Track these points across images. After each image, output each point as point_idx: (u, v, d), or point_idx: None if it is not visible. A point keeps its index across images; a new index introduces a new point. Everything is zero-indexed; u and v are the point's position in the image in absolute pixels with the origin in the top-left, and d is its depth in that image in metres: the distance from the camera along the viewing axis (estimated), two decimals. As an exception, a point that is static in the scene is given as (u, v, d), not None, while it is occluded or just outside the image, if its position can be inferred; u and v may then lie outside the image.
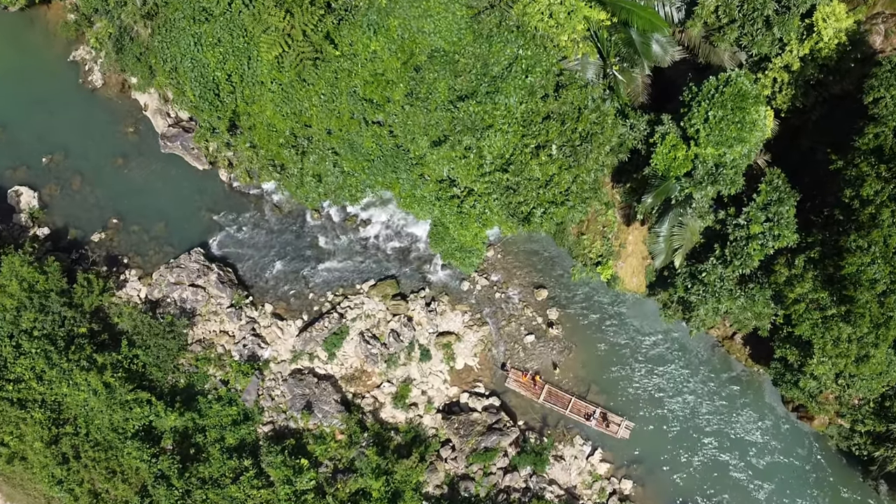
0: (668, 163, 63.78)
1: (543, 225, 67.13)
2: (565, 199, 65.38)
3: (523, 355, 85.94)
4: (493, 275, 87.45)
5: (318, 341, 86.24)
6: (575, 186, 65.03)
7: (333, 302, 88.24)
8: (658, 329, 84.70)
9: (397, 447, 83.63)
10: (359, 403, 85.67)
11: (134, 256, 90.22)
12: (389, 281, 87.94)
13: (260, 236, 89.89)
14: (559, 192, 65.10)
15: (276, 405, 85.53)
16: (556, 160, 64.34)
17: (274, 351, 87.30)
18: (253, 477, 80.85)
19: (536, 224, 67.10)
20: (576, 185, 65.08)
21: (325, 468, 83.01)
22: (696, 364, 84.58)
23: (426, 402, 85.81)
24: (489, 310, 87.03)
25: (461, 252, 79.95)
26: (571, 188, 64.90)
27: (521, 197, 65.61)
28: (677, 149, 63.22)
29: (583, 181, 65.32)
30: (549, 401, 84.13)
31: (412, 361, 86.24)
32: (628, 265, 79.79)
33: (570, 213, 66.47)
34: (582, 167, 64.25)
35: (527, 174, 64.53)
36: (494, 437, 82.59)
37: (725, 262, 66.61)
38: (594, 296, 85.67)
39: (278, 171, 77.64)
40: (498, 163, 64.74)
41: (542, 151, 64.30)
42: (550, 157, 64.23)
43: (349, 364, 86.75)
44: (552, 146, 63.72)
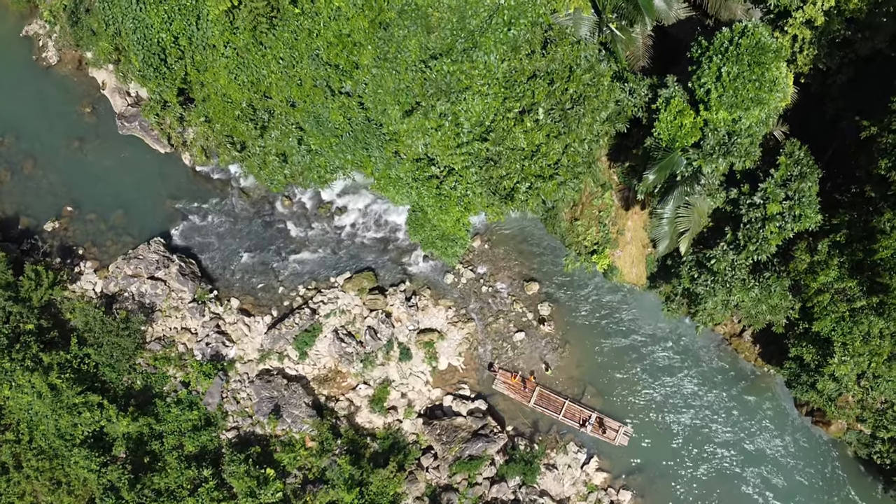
0: (673, 131, 53.52)
1: (529, 202, 56.79)
2: (554, 172, 55.05)
3: (512, 354, 75.67)
4: (480, 267, 77.19)
5: (289, 339, 76.06)
6: (566, 158, 54.71)
7: (305, 296, 78.06)
8: (660, 325, 74.48)
9: (373, 455, 73.36)
10: (332, 407, 75.42)
11: (90, 247, 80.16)
12: (366, 273, 77.72)
13: (226, 225, 79.80)
14: (547, 164, 54.78)
15: (241, 409, 75.31)
16: (544, 126, 54.00)
17: (240, 350, 77.10)
18: (213, 488, 70.84)
19: (521, 202, 56.78)
20: (566, 157, 54.76)
21: (294, 479, 72.74)
22: (701, 364, 74.42)
23: (406, 405, 75.54)
24: (475, 305, 76.76)
25: (443, 241, 69.81)
26: (561, 160, 54.62)
27: (504, 170, 55.33)
28: (684, 115, 52.95)
29: (574, 152, 54.98)
30: (541, 404, 73.89)
31: (391, 361, 75.99)
32: (627, 254, 69.47)
33: (561, 189, 56.15)
34: (573, 134, 53.94)
35: (509, 143, 54.27)
36: (480, 444, 72.27)
37: (738, 247, 56.36)
38: (590, 289, 75.45)
39: (238, 150, 67.56)
40: (477, 131, 54.55)
41: (527, 117, 54.07)
42: (537, 123, 53.90)
43: (322, 364, 76.53)
44: (538, 110, 53.43)
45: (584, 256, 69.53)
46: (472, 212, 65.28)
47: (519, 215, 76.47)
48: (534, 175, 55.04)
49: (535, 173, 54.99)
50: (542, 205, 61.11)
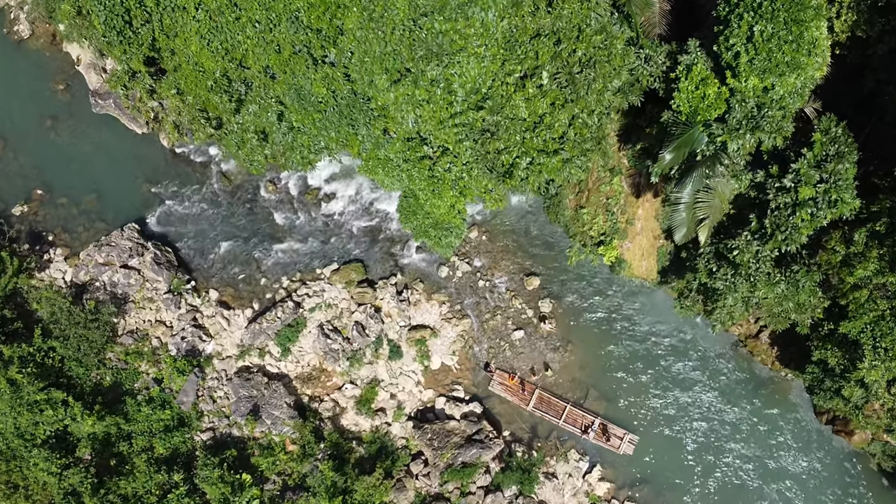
0: (694, 103, 45.90)
1: (530, 181, 49.19)
2: (559, 147, 47.37)
3: (510, 354, 68.04)
4: (477, 259, 69.55)
5: (270, 334, 68.51)
6: (572, 132, 47.09)
7: (289, 288, 70.50)
8: (670, 324, 66.85)
9: (359, 461, 65.81)
10: (315, 408, 67.82)
11: (60, 233, 72.70)
12: (355, 265, 70.13)
13: (206, 211, 72.26)
14: (551, 137, 47.01)
15: (217, 409, 67.76)
16: (548, 93, 46.35)
17: (218, 345, 69.57)
18: (184, 494, 63.53)
19: (520, 180, 49.21)
20: (573, 130, 47.14)
21: (272, 485, 65.28)
22: (714, 367, 66.77)
23: (395, 407, 67.96)
24: (471, 300, 69.13)
25: (437, 230, 62.28)
26: (567, 134, 46.99)
27: (502, 142, 47.73)
28: (707, 84, 45.34)
29: (582, 124, 47.36)
30: (540, 408, 66.28)
31: (380, 359, 68.39)
32: (637, 246, 61.78)
33: (566, 168, 48.52)
34: (582, 103, 46.31)
35: (508, 112, 46.70)
36: (474, 450, 64.63)
37: (764, 236, 48.80)
38: (595, 284, 67.76)
39: (213, 126, 59.92)
40: (472, 99, 47.00)
41: (529, 82, 46.44)
42: (540, 90, 46.28)
43: (306, 362, 68.98)
44: (542, 74, 45.82)
45: (590, 248, 61.93)
46: (469, 197, 57.78)
47: (519, 203, 68.95)
48: (536, 149, 47.37)
49: (538, 147, 47.32)
50: (545, 187, 53.28)
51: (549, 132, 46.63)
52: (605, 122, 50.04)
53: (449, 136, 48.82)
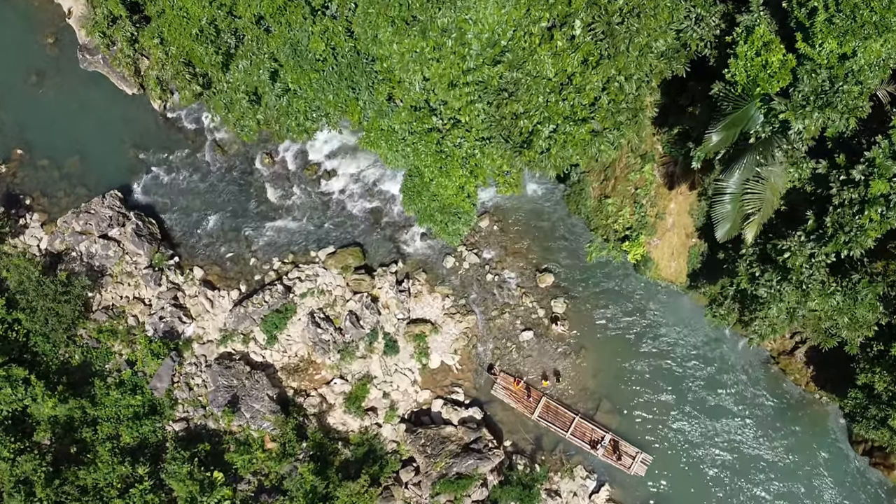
0: (753, 72, 37.27)
1: (552, 155, 40.57)
2: (589, 115, 38.58)
3: (517, 356, 59.44)
4: (486, 251, 60.94)
5: (256, 319, 60.13)
6: (606, 98, 38.46)
7: (280, 271, 62.14)
8: (697, 334, 58.14)
9: (344, 464, 57.44)
10: (300, 403, 59.41)
11: (39, 197, 64.58)
12: (353, 249, 61.65)
13: (195, 182, 63.96)
14: (581, 102, 38.28)
15: (193, 397, 59.46)
16: (581, 47, 37.74)
17: (199, 328, 61.24)
18: (148, 490, 55.37)
19: (539, 153, 40.65)
20: (607, 96, 38.47)
21: (247, 485, 56.95)
22: (741, 385, 58.13)
23: (387, 407, 59.46)
24: (477, 295, 60.55)
25: (443, 215, 53.90)
26: (600, 100, 38.36)
27: (521, 105, 39.12)
28: (771, 50, 36.65)
29: (618, 90, 38.68)
30: (546, 418, 57.72)
31: (374, 354, 59.91)
32: (666, 243, 53.05)
33: (595, 143, 39.93)
34: (620, 60, 37.53)
35: (531, 68, 38.11)
36: (471, 460, 56.06)
37: (821, 237, 39.92)
38: (615, 284, 59.06)
39: (200, 84, 51.55)
40: (489, 53, 38.22)
41: (557, 33, 37.80)
42: (571, 42, 37.66)
43: (293, 352, 60.60)
44: (575, 23, 37.20)
45: (613, 244, 53.28)
46: (480, 178, 49.30)
47: (537, 190, 60.34)
48: (561, 115, 38.64)
49: (563, 113, 38.62)
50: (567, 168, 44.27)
51: (578, 96, 37.94)
52: (643, 93, 41.16)
53: (460, 98, 40.12)
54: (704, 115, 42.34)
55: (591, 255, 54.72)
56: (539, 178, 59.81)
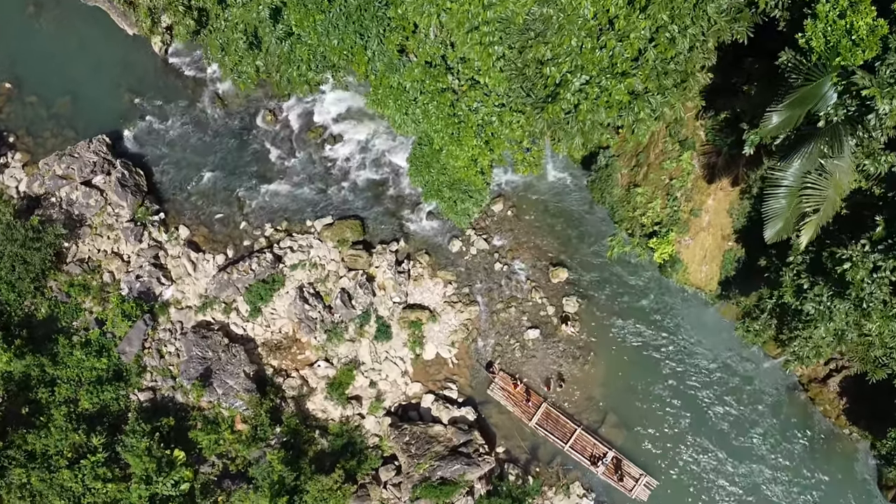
0: (834, 37, 29.58)
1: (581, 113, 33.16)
2: (630, 70, 30.96)
3: (519, 356, 52.09)
4: (497, 237, 53.64)
5: (241, 288, 53.10)
6: (653, 51, 30.99)
7: (272, 238, 55.09)
8: (721, 350, 50.64)
9: (318, 455, 50.30)
10: (279, 384, 52.33)
11: (23, 136, 57.99)
12: (352, 222, 54.46)
13: (191, 135, 57.08)
14: (622, 53, 30.68)
15: (163, 366, 52.53)
16: (629, -16, 30.01)
17: (178, 292, 54.30)
18: (101, 462, 48.41)
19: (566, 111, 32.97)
20: (655, 49, 30.93)
21: (210, 468, 50.01)
22: (764, 410, 50.62)
23: (373, 397, 52.29)
24: (483, 285, 53.28)
25: (453, 191, 46.92)
26: (647, 53, 30.87)
27: (549, 49, 31.66)
28: (858, 12, 29.05)
29: (669, 42, 31.11)
30: (545, 427, 50.38)
31: (363, 338, 52.73)
32: (698, 244, 45.55)
33: (634, 107, 32.41)
34: (674, 4, 29.75)
35: (566, 3, 30.26)
36: (458, 465, 48.77)
37: (891, 249, 32.00)
38: (636, 286, 51.58)
39: (195, 20, 44.45)
40: (517, -14, 30.71)
41: (603, -38, 30.11)
42: (619, -23, 29.93)
43: (277, 327, 53.49)
44: (624, -51, 29.48)
45: (639, 239, 45.81)
46: (496, 150, 42.09)
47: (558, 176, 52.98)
48: (597, 66, 31.10)
49: (600, 63, 31.08)
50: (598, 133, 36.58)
51: (619, 45, 30.51)
52: (696, 56, 33.56)
53: (478, 44, 32.68)
54: (761, 98, 34.79)
55: (613, 251, 47.31)
56: (561, 162, 52.49)
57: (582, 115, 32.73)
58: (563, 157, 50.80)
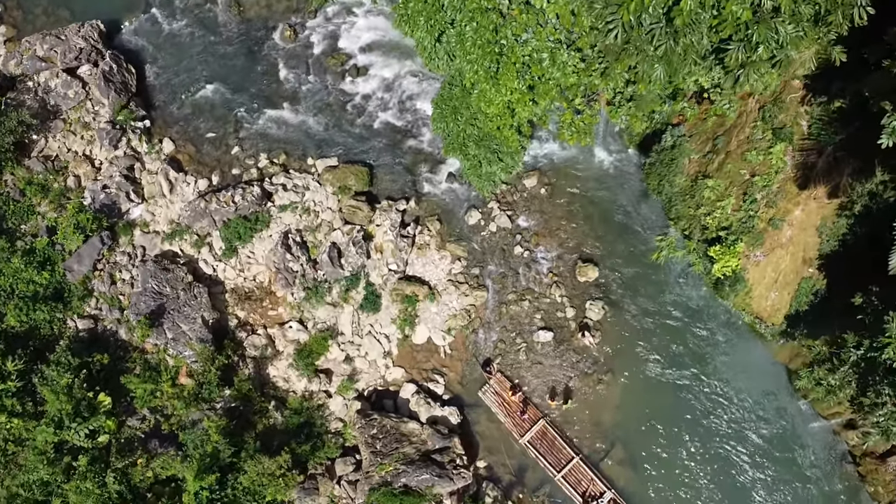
0: None
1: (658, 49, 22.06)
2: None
3: (524, 359, 41.51)
4: (523, 217, 43.04)
5: (218, 221, 43.13)
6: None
7: (265, 171, 45.01)
8: (765, 398, 39.55)
9: (268, 431, 40.30)
10: (240, 339, 42.28)
11: (13, 8, 48.83)
12: (359, 169, 44.08)
13: (197, 37, 47.13)
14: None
15: (113, 294, 42.71)
16: None
17: (148, 213, 44.46)
18: (10, 392, 38.79)
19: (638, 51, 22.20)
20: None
21: (138, 422, 40.23)
22: (804, 477, 39.35)
23: (346, 375, 42.05)
24: (496, 268, 42.73)
25: (480, 148, 36.65)
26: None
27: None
28: None
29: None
30: (539, 448, 39.90)
31: (347, 304, 42.47)
32: (772, 263, 34.56)
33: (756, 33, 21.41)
34: None
35: None
36: (428, 474, 38.46)
37: None
38: (680, 301, 40.61)
39: None
40: None
41: None
42: None
43: (251, 274, 43.38)
44: None
45: (696, 245, 34.98)
46: (541, 101, 31.57)
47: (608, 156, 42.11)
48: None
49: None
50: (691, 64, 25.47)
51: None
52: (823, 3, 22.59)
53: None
54: (907, 77, 23.78)
55: (660, 254, 36.55)
56: (614, 142, 41.75)
57: (663, 53, 21.87)
58: (617, 131, 40.04)
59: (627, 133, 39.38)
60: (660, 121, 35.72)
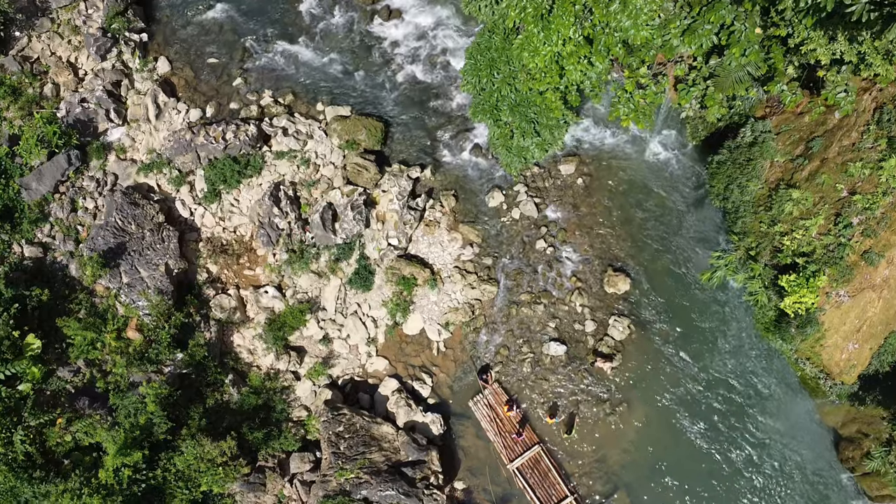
0: None
1: None
2: None
3: (528, 372, 33.90)
4: (553, 208, 35.28)
5: (203, 159, 35.83)
6: None
7: (267, 110, 37.59)
8: (803, 465, 31.45)
9: (219, 408, 33.19)
10: (206, 296, 34.96)
11: None
12: (374, 123, 36.43)
13: (217, -49, 39.34)
14: None
15: (70, 223, 35.61)
16: None
17: (128, 137, 37.26)
18: (-79, 321, 31.52)
19: None
20: None
21: (70, 375, 33.14)
22: (836, 565, 31.22)
23: (320, 358, 34.67)
24: (513, 262, 35.04)
25: (515, 115, 29.17)
26: None
27: None
28: None
29: None
30: (529, 478, 32.49)
31: (334, 276, 35.03)
32: (857, 307, 26.57)
33: None
34: None
35: None
36: (394, 490, 31.22)
37: None
38: (722, 333, 32.50)
39: None
40: None
41: None
42: None
43: (232, 224, 36.04)
44: None
45: (764, 270, 26.94)
46: (598, 61, 23.57)
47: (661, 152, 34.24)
48: None
49: None
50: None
51: None
52: None
53: None
54: None
55: (713, 275, 28.68)
56: (672, 137, 33.91)
57: None
58: (682, 119, 32.13)
59: (693, 124, 31.49)
60: (740, 110, 27.92)
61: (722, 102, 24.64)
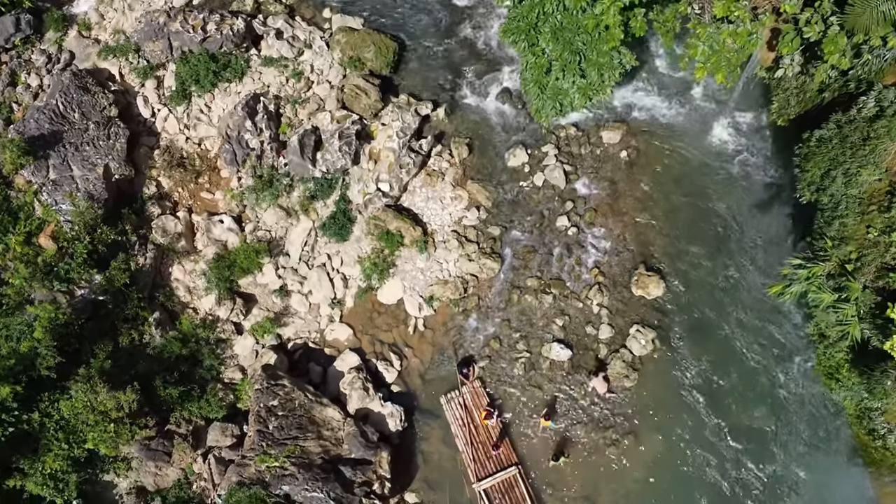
0: None
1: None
2: None
3: (519, 375, 25.86)
4: (585, 181, 27.16)
5: (176, 50, 28.03)
6: None
7: (264, 7, 30.00)
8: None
9: (133, 351, 25.47)
10: (149, 214, 27.27)
11: None
12: (387, 41, 28.51)
13: None
14: None
15: (6, 99, 27.99)
16: None
17: (96, 13, 29.65)
18: None
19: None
20: None
21: (-43, 278, 25.23)
22: None
23: (271, 312, 26.68)
24: (525, 237, 26.98)
25: (557, 45, 20.55)
26: None
27: None
28: None
29: None
30: (498, 501, 24.20)
31: (306, 216, 27.20)
32: None
33: None
34: None
35: None
36: (324, 492, 23.45)
37: None
38: (771, 368, 24.15)
39: None
40: None
41: None
42: None
43: (196, 135, 28.32)
44: None
45: (864, 294, 18.55)
46: None
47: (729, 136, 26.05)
48: None
49: None
50: None
51: None
52: None
53: None
54: None
55: (788, 290, 20.38)
56: (749, 107, 25.76)
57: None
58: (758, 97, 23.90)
59: (783, 96, 22.91)
60: (860, 74, 19.74)
61: (847, 50, 16.62)
